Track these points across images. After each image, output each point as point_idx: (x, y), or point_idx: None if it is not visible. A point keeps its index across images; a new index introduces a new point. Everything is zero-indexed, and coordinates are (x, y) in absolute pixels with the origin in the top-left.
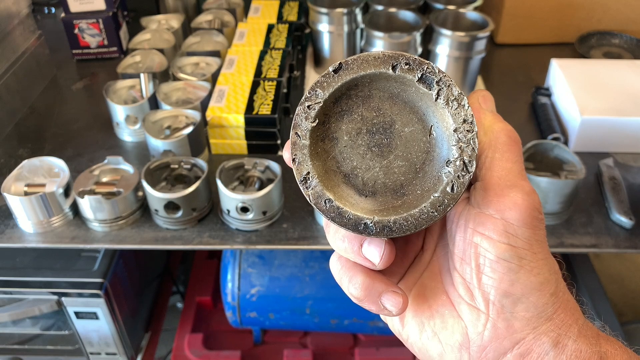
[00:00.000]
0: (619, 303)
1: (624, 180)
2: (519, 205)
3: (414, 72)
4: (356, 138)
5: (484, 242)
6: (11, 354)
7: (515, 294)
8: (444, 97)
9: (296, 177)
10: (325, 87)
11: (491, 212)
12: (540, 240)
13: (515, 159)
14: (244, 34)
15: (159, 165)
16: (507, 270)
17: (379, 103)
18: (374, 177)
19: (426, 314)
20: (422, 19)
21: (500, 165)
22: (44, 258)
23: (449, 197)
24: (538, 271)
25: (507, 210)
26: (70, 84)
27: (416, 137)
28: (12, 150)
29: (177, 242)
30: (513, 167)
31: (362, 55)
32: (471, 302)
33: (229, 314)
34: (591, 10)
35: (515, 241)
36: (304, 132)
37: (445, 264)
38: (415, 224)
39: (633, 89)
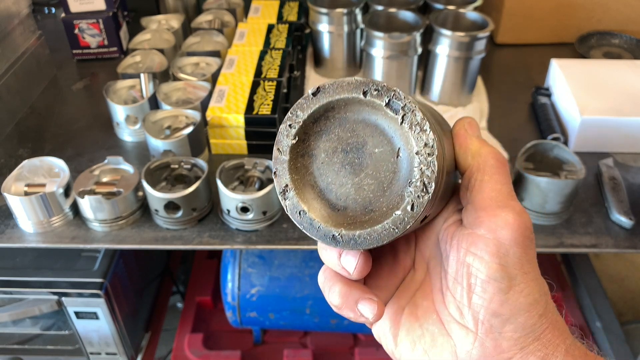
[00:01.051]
0: (618, 303)
1: (623, 180)
2: (511, 224)
3: (382, 97)
4: (332, 156)
5: (476, 262)
6: (11, 354)
7: (504, 314)
8: (408, 122)
9: (276, 189)
10: (304, 108)
11: (483, 232)
12: (531, 260)
13: (504, 180)
14: (244, 34)
15: (159, 165)
16: (497, 291)
17: (353, 124)
18: (346, 193)
19: (417, 332)
20: (422, 19)
21: (490, 187)
22: (44, 258)
23: (409, 216)
24: (528, 292)
25: (499, 230)
26: (70, 84)
27: (385, 158)
28: (12, 150)
29: (177, 242)
30: (502, 188)
31: (337, 81)
32: (461, 321)
33: (229, 314)
34: (591, 10)
35: (506, 261)
36: (284, 148)
37: (437, 283)
38: (377, 238)
39: (633, 89)
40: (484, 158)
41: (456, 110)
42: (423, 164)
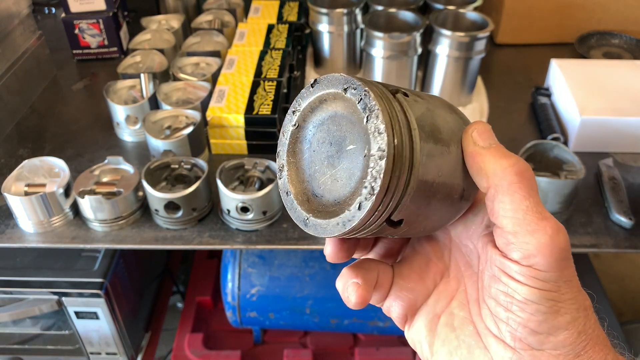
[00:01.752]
0: (618, 303)
1: (623, 180)
2: (544, 251)
3: (356, 96)
4: (321, 146)
5: (512, 283)
6: (11, 353)
7: (542, 332)
8: (370, 123)
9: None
10: (304, 97)
11: (516, 258)
12: (568, 280)
13: (528, 194)
14: (244, 34)
15: (159, 165)
16: (534, 311)
17: (339, 119)
18: (325, 183)
19: (454, 343)
20: (422, 19)
21: (514, 208)
22: (44, 258)
23: (355, 216)
24: (565, 311)
25: (532, 257)
26: (70, 84)
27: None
28: (12, 150)
29: (177, 242)
30: (529, 205)
31: (330, 75)
32: (498, 335)
33: (229, 313)
34: (591, 11)
35: (542, 285)
36: (286, 131)
37: (473, 293)
38: (330, 230)
39: (633, 89)
40: (500, 177)
41: None
42: (373, 168)
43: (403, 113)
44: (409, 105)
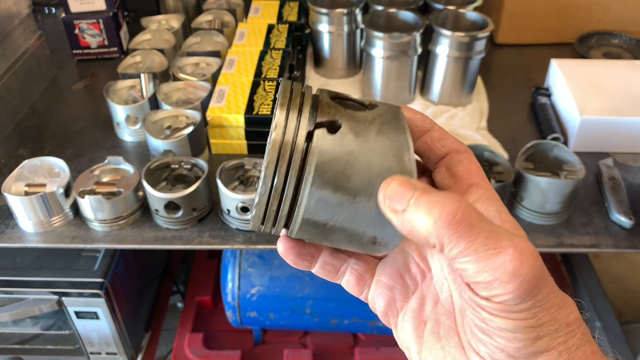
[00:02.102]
0: (618, 303)
1: (623, 180)
2: (510, 287)
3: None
4: None
5: (484, 314)
6: (11, 353)
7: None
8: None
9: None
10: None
11: (485, 296)
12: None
13: (475, 233)
14: (244, 34)
15: (159, 165)
16: (511, 339)
17: None
18: None
19: (439, 354)
20: (422, 19)
21: (467, 253)
22: (45, 258)
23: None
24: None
25: (501, 296)
26: (70, 84)
27: None
28: (12, 150)
29: (178, 242)
30: (480, 242)
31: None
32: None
33: (229, 313)
34: (591, 11)
35: (516, 316)
36: None
37: (459, 302)
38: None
39: (633, 89)
40: (436, 235)
41: (456, 110)
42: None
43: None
44: (323, 143)
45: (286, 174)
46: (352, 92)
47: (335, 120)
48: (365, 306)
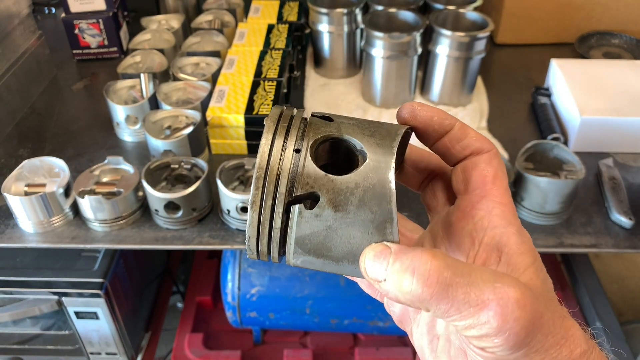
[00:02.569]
0: (618, 303)
1: (623, 180)
2: (502, 342)
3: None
4: None
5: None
6: (11, 353)
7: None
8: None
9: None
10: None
11: (478, 346)
12: (540, 349)
13: (460, 300)
14: (244, 34)
15: (159, 165)
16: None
17: None
18: None
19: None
20: (422, 19)
21: (455, 315)
22: (44, 258)
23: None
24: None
25: (494, 348)
26: (70, 84)
27: None
28: (12, 150)
29: (177, 242)
30: (462, 301)
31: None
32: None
33: (229, 313)
34: (591, 11)
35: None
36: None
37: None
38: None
39: (633, 89)
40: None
41: (456, 110)
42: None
43: (283, 225)
44: (301, 220)
45: (268, 244)
46: (352, 92)
47: (314, 192)
48: (365, 306)
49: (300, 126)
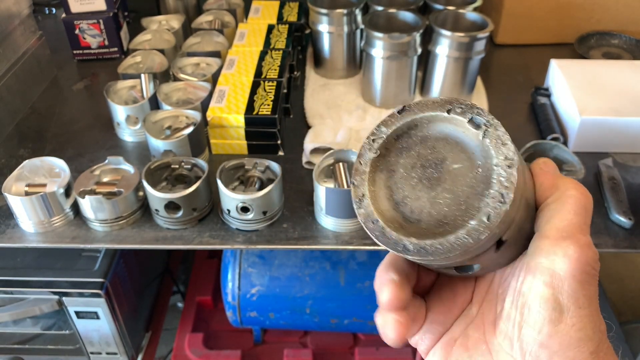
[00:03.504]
0: (618, 303)
1: (623, 180)
2: (570, 257)
3: (465, 114)
4: (410, 171)
5: (532, 291)
6: (12, 353)
7: (552, 347)
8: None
9: (352, 197)
10: (389, 125)
11: (542, 261)
12: (588, 296)
13: (579, 211)
14: (244, 34)
15: (160, 166)
16: (547, 321)
17: (434, 142)
18: (421, 206)
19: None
20: (421, 19)
21: (561, 217)
22: (45, 258)
23: (484, 226)
24: (580, 327)
25: (558, 261)
26: (71, 84)
27: (464, 173)
28: (12, 151)
29: (178, 242)
30: (574, 219)
31: (423, 100)
32: (509, 352)
33: (229, 313)
34: (591, 11)
35: (560, 292)
36: (365, 160)
37: (490, 315)
38: (449, 248)
39: (632, 89)
40: (562, 189)
41: None
42: (501, 176)
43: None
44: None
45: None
46: (352, 92)
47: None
48: (365, 306)
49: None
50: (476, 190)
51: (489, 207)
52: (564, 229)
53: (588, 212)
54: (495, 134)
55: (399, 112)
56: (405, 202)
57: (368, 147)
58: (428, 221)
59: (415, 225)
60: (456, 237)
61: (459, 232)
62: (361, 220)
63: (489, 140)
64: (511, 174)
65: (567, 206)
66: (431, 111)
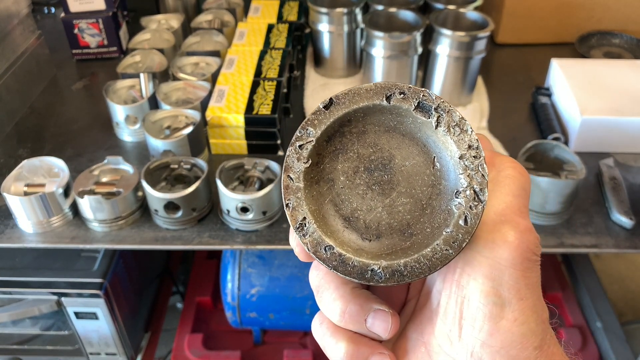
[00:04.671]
0: (619, 303)
1: (624, 180)
2: (510, 243)
3: (409, 101)
4: (354, 177)
5: (469, 285)
6: (11, 354)
7: (494, 345)
8: (444, 124)
9: (291, 224)
10: (316, 124)
11: (480, 249)
12: (530, 284)
13: (518, 192)
14: (244, 33)
15: (159, 165)
16: (488, 318)
17: (375, 138)
18: (377, 219)
19: None
20: (422, 18)
21: (499, 199)
22: (44, 258)
23: (463, 231)
24: (523, 320)
25: (497, 248)
26: (70, 84)
27: (419, 171)
28: (11, 150)
29: (177, 242)
30: (513, 201)
31: (353, 89)
32: (449, 354)
33: (229, 314)
34: (591, 10)
35: (500, 284)
36: (296, 174)
37: (427, 312)
38: (429, 265)
39: (633, 89)
40: (498, 168)
41: None
42: (470, 169)
43: None
44: None
45: None
46: None
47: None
48: None
49: None
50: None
51: (463, 207)
52: (502, 213)
53: (527, 192)
54: (450, 120)
55: (325, 107)
56: (356, 216)
57: (296, 156)
58: (390, 235)
59: (377, 244)
60: (434, 250)
61: (435, 244)
62: (309, 250)
63: (445, 128)
64: (480, 165)
65: (505, 188)
66: (366, 101)
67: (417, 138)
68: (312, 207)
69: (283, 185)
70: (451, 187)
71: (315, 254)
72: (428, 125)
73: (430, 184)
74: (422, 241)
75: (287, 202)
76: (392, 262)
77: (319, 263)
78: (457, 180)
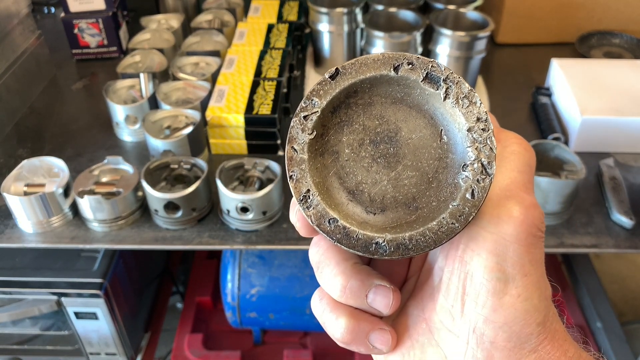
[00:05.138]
0: (619, 303)
1: (624, 180)
2: (515, 218)
3: (417, 71)
4: (359, 150)
5: (473, 260)
6: (11, 354)
7: (497, 321)
8: (453, 96)
9: (294, 196)
10: (322, 95)
11: (484, 225)
12: (534, 261)
13: (523, 168)
14: (243, 33)
15: (159, 165)
16: (491, 293)
17: (381, 110)
18: (382, 192)
19: (406, 344)
20: (422, 18)
21: (504, 174)
22: (44, 258)
23: (470, 205)
24: (526, 296)
25: (502, 224)
26: (70, 83)
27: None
28: (11, 150)
29: (177, 242)
30: (518, 177)
31: (360, 59)
32: (451, 329)
33: (228, 314)
34: (591, 10)
35: (504, 260)
36: (301, 145)
37: (428, 289)
38: (434, 238)
39: (633, 88)
40: (503, 144)
41: None
42: (478, 142)
43: None
44: None
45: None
46: None
47: None
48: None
49: None
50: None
51: (470, 181)
52: (507, 188)
53: (532, 169)
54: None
55: (331, 77)
56: (361, 189)
57: (300, 127)
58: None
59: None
60: (440, 224)
61: (441, 217)
62: (312, 222)
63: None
64: (489, 138)
65: (510, 163)
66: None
67: (425, 110)
68: (316, 179)
69: (287, 156)
70: (458, 160)
71: (319, 227)
72: (436, 97)
73: (437, 157)
74: (427, 215)
75: (290, 174)
76: (396, 235)
77: (323, 236)
78: (465, 153)
